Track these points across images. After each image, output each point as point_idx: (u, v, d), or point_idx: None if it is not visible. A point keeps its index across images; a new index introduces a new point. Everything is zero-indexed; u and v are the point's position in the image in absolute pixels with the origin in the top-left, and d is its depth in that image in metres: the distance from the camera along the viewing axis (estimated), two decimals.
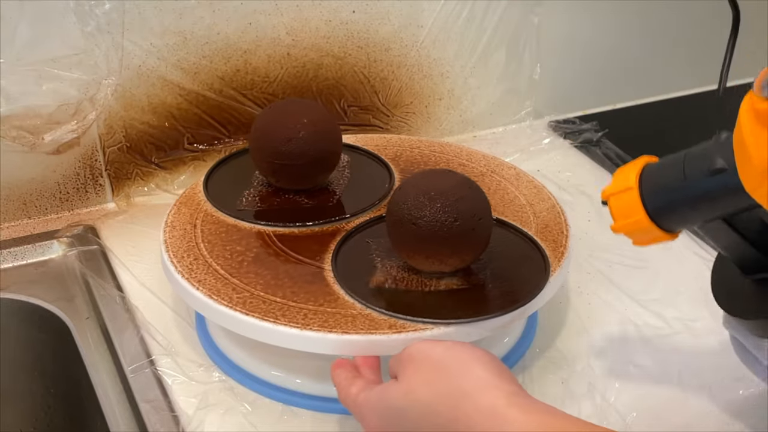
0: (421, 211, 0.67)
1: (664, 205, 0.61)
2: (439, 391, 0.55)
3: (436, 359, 0.57)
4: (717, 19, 1.21)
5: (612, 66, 1.18)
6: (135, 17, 0.91)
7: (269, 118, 0.81)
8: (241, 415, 0.71)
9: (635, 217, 0.62)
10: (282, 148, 0.79)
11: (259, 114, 0.84)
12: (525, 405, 0.53)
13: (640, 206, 0.62)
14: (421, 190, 0.69)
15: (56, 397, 0.85)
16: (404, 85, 1.07)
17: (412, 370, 0.57)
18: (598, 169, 1.07)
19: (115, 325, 0.80)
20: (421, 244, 0.68)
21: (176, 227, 0.79)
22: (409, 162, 0.90)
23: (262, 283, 0.72)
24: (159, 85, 0.95)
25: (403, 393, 0.57)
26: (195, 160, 1.00)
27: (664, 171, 0.62)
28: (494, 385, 0.54)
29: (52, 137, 0.90)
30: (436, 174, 0.73)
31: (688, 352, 0.78)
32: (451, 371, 0.56)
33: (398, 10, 1.02)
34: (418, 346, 0.59)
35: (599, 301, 0.84)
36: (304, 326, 0.67)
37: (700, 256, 0.90)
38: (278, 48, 0.99)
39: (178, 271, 0.73)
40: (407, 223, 0.68)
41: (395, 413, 0.57)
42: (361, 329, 0.66)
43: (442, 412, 0.54)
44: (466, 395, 0.54)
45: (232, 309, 0.68)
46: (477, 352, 0.57)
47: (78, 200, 0.97)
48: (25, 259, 0.90)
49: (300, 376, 0.73)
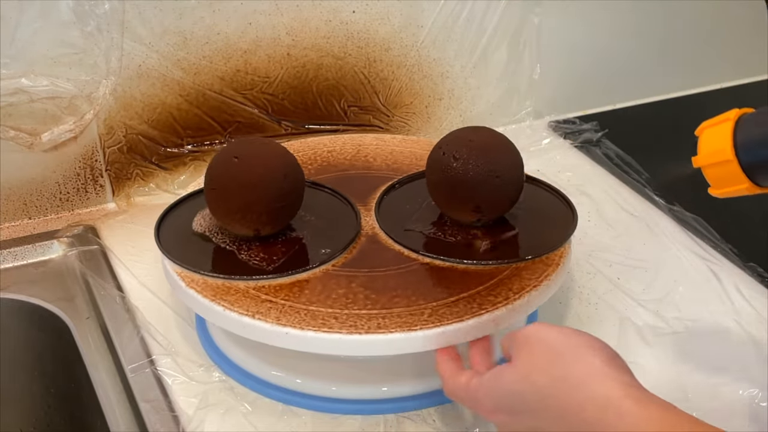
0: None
1: (760, 145, 0.59)
2: (554, 375, 0.55)
3: (552, 344, 0.57)
4: (717, 20, 1.22)
5: (612, 66, 1.18)
6: (135, 17, 0.91)
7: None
8: (241, 415, 0.71)
9: (736, 186, 0.60)
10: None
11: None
12: (641, 398, 0.53)
13: (740, 172, 0.60)
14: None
15: (56, 397, 0.85)
16: (404, 85, 1.07)
17: (527, 353, 0.58)
18: (598, 169, 1.07)
19: (115, 325, 0.80)
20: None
21: None
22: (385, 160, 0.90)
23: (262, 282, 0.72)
24: (159, 85, 0.95)
25: (520, 377, 0.57)
26: (195, 160, 1.00)
27: (763, 117, 0.60)
28: (608, 375, 0.54)
29: (50, 137, 0.90)
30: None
31: (688, 352, 0.78)
32: (566, 357, 0.56)
33: (398, 10, 1.02)
34: (534, 328, 0.60)
35: (599, 300, 0.84)
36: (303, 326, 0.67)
37: (700, 256, 0.90)
38: (278, 48, 0.99)
39: (176, 272, 0.73)
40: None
41: (512, 396, 0.57)
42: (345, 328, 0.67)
43: (557, 397, 0.55)
44: (581, 382, 0.54)
45: (230, 310, 0.69)
46: (591, 340, 0.58)
47: (78, 200, 0.97)
48: (25, 259, 0.90)
49: (300, 376, 0.73)
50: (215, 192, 0.74)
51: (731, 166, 0.60)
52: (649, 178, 1.02)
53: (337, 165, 0.89)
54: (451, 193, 0.76)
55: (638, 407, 0.52)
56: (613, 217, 0.97)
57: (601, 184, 1.03)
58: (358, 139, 0.94)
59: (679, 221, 0.95)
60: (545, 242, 0.76)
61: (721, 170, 0.60)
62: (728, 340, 0.70)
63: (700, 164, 0.62)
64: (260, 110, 1.01)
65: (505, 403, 0.58)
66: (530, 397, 0.56)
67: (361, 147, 0.93)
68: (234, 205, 0.73)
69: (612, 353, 0.57)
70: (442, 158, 0.76)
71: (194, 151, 1.00)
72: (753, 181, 0.60)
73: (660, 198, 0.99)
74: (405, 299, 0.70)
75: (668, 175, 1.00)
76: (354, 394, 0.72)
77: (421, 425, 0.70)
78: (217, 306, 0.69)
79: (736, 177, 0.60)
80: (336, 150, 0.92)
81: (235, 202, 0.73)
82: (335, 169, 0.88)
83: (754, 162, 0.59)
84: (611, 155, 1.08)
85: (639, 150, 1.07)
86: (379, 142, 0.94)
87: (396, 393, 0.72)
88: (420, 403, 0.72)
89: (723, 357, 0.77)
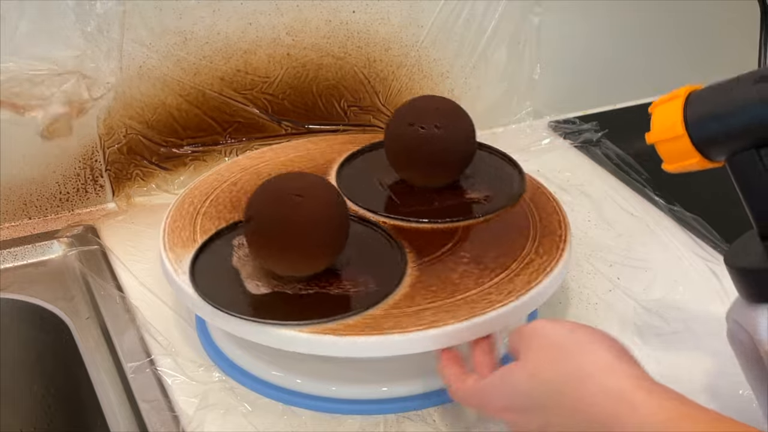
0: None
1: (708, 119, 0.60)
2: (563, 371, 0.55)
3: (559, 340, 0.57)
4: (717, 20, 1.22)
5: (612, 66, 1.18)
6: (135, 17, 0.91)
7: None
8: (241, 415, 0.71)
9: (687, 160, 0.62)
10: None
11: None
12: (653, 389, 0.52)
13: (691, 147, 0.61)
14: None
15: (56, 397, 0.85)
16: (404, 85, 1.07)
17: (534, 350, 0.57)
18: (598, 169, 1.07)
19: (115, 325, 0.80)
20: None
21: (176, 227, 0.79)
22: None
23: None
24: (159, 85, 0.95)
25: (528, 374, 0.57)
26: (195, 160, 1.00)
27: (711, 92, 0.61)
28: (618, 368, 0.54)
29: (43, 114, 0.89)
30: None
31: (688, 352, 0.78)
32: (574, 352, 0.56)
33: (398, 10, 1.02)
34: (540, 324, 0.60)
35: (599, 300, 0.84)
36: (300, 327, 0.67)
37: (700, 256, 0.90)
38: (278, 48, 0.99)
39: (176, 272, 0.73)
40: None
41: (521, 394, 0.57)
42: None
43: (567, 392, 0.54)
44: (590, 376, 0.54)
45: (229, 310, 0.69)
46: (599, 335, 0.57)
47: (78, 200, 0.97)
48: (25, 259, 0.90)
49: (300, 376, 0.73)
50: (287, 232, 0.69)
51: (682, 141, 0.61)
52: (649, 178, 1.02)
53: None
54: (434, 161, 0.80)
55: (651, 398, 0.51)
56: (613, 217, 0.97)
57: (601, 184, 1.03)
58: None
59: (679, 221, 0.95)
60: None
61: (672, 145, 0.62)
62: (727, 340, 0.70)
63: (653, 140, 0.64)
64: (260, 110, 1.01)
65: (515, 402, 0.58)
66: (540, 394, 0.56)
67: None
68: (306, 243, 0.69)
69: (621, 347, 0.57)
70: (418, 129, 0.79)
71: (194, 151, 1.00)
72: (704, 155, 0.61)
73: (660, 198, 0.99)
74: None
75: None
76: (354, 394, 0.72)
77: (421, 425, 0.70)
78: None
79: (686, 152, 0.61)
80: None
81: (308, 241, 0.69)
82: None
83: (703, 136, 0.61)
84: (611, 155, 1.08)
85: (639, 150, 1.07)
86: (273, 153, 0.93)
87: (396, 393, 0.72)
88: (420, 403, 0.72)
89: (723, 357, 0.76)
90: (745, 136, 0.59)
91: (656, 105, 0.64)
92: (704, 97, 0.61)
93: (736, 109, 0.59)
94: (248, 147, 1.01)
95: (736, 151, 0.60)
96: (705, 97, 0.61)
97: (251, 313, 0.68)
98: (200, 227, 0.79)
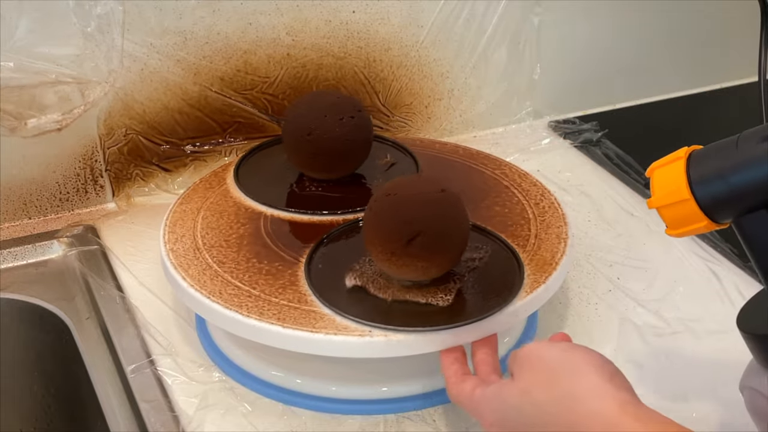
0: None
1: (715, 182, 0.58)
2: (553, 394, 0.56)
3: (552, 362, 0.58)
4: (717, 20, 1.22)
5: (612, 66, 1.18)
6: (135, 17, 0.91)
7: (302, 109, 0.83)
8: (241, 415, 0.71)
9: (695, 224, 0.59)
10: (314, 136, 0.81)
11: (294, 103, 0.87)
12: (640, 414, 0.53)
13: (698, 210, 0.59)
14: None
15: (56, 397, 0.85)
16: (404, 85, 1.07)
17: (528, 370, 0.58)
18: (598, 169, 1.07)
19: (115, 325, 0.80)
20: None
21: (176, 227, 0.79)
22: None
23: (262, 283, 0.72)
24: (159, 85, 0.95)
25: (520, 393, 0.58)
26: (195, 160, 1.00)
27: (715, 152, 0.59)
28: (607, 392, 0.54)
29: (35, 124, 0.89)
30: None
31: (688, 352, 0.78)
32: (565, 375, 0.56)
33: (398, 10, 1.02)
34: (535, 346, 0.60)
35: (599, 300, 0.84)
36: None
37: (700, 256, 0.90)
38: (278, 48, 0.99)
39: (177, 272, 0.73)
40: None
41: (512, 411, 0.58)
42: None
43: (556, 414, 0.55)
44: (578, 400, 0.54)
45: (229, 309, 0.69)
46: (592, 357, 0.58)
47: (78, 200, 0.97)
48: (25, 259, 0.90)
49: (300, 376, 0.73)
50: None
51: (688, 205, 0.59)
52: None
53: None
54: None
55: (637, 424, 0.52)
56: (613, 217, 0.97)
57: (601, 184, 1.03)
58: None
59: None
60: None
61: (678, 210, 0.60)
62: (728, 340, 0.70)
63: (656, 205, 0.61)
64: (260, 110, 1.01)
65: (505, 418, 0.59)
66: (530, 414, 0.57)
67: None
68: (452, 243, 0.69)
69: (612, 370, 0.57)
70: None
71: (194, 151, 1.00)
72: (710, 217, 0.59)
73: None
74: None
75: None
76: (354, 394, 0.72)
77: (421, 425, 0.70)
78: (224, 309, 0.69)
79: (694, 215, 0.59)
80: None
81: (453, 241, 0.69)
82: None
83: (710, 198, 0.58)
84: (611, 155, 1.08)
85: (639, 150, 1.07)
86: None
87: (396, 393, 0.72)
88: (420, 403, 0.72)
89: (723, 357, 0.77)
90: (754, 195, 0.57)
91: (655, 168, 0.61)
92: (708, 157, 0.59)
93: (744, 168, 0.57)
94: (248, 147, 1.01)
95: (744, 211, 0.58)
96: (709, 157, 0.59)
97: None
98: (200, 227, 0.79)
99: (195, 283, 0.72)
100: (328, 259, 0.75)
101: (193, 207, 0.82)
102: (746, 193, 0.57)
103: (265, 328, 0.67)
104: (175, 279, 0.73)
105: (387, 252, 0.68)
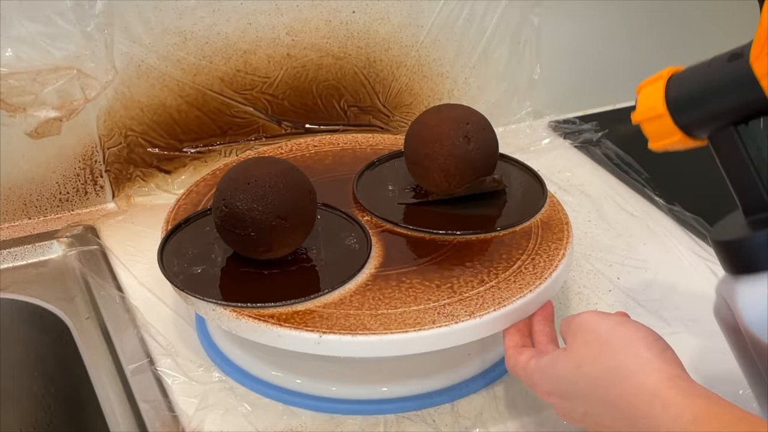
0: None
1: (687, 98, 0.63)
2: (605, 367, 0.58)
3: (603, 335, 0.60)
4: (717, 20, 1.22)
5: (612, 66, 1.18)
6: (135, 17, 0.91)
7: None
8: (241, 415, 0.71)
9: (670, 138, 0.64)
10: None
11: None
12: (687, 388, 0.55)
13: (672, 125, 0.64)
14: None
15: (56, 397, 0.85)
16: (404, 85, 1.07)
17: (580, 342, 0.61)
18: (598, 169, 1.07)
19: (115, 325, 0.80)
20: None
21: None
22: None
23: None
24: (159, 85, 0.95)
25: (573, 366, 0.60)
26: (195, 160, 1.00)
27: (691, 72, 0.64)
28: (657, 367, 0.56)
29: (33, 115, 0.89)
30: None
31: (688, 352, 0.78)
32: (617, 349, 0.58)
33: (398, 10, 1.02)
34: (588, 317, 0.62)
35: (599, 300, 0.84)
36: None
37: (700, 256, 0.90)
38: (278, 48, 0.99)
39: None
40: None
41: (565, 382, 0.60)
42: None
43: (608, 387, 0.57)
44: (630, 374, 0.56)
45: (229, 309, 0.69)
46: (643, 332, 0.60)
47: (78, 200, 0.97)
48: (25, 259, 0.90)
49: (300, 376, 0.73)
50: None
51: (664, 120, 0.64)
52: (649, 178, 1.02)
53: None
54: (464, 170, 0.80)
55: (683, 398, 0.54)
56: (613, 217, 0.97)
57: (601, 184, 1.03)
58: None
59: (679, 221, 0.95)
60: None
61: (655, 124, 0.65)
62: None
63: (637, 120, 0.67)
64: (260, 110, 1.01)
65: (560, 388, 0.61)
66: (582, 385, 0.59)
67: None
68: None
69: (663, 345, 0.59)
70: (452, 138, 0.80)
71: (194, 151, 1.00)
72: (685, 132, 0.63)
73: (660, 198, 0.99)
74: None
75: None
76: (354, 394, 0.72)
77: (421, 425, 0.70)
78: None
79: (668, 130, 0.64)
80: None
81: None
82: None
83: (682, 114, 0.63)
84: (611, 155, 1.08)
85: (639, 150, 1.07)
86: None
87: (396, 393, 0.72)
88: (420, 403, 0.72)
89: (723, 357, 0.76)
90: (722, 113, 0.61)
91: (641, 87, 0.67)
92: (683, 77, 0.64)
93: (712, 87, 0.61)
94: (248, 147, 1.01)
95: (716, 128, 0.62)
96: (684, 77, 0.64)
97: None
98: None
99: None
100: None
101: (193, 207, 0.82)
102: (714, 111, 0.62)
103: (264, 328, 0.67)
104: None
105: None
